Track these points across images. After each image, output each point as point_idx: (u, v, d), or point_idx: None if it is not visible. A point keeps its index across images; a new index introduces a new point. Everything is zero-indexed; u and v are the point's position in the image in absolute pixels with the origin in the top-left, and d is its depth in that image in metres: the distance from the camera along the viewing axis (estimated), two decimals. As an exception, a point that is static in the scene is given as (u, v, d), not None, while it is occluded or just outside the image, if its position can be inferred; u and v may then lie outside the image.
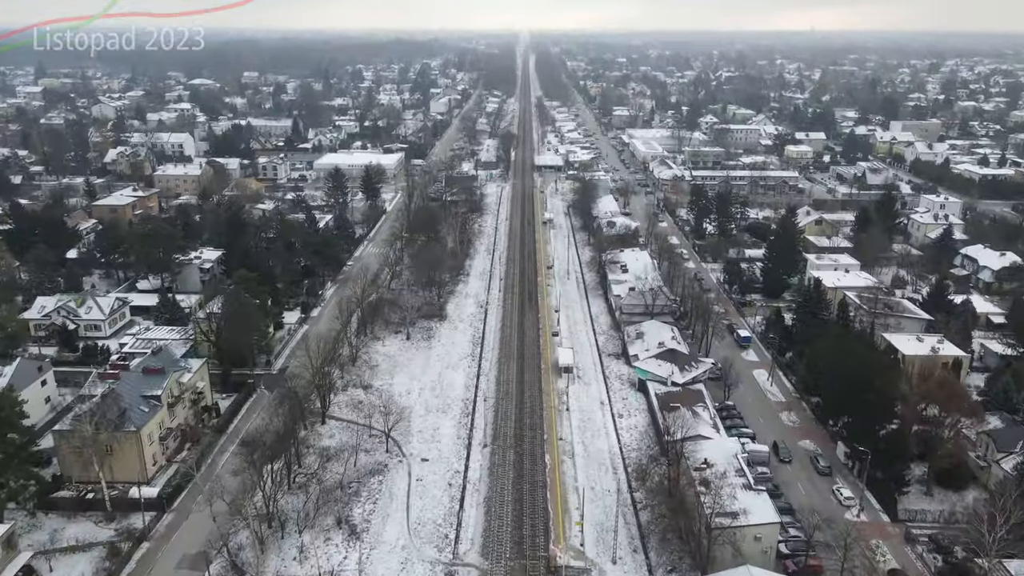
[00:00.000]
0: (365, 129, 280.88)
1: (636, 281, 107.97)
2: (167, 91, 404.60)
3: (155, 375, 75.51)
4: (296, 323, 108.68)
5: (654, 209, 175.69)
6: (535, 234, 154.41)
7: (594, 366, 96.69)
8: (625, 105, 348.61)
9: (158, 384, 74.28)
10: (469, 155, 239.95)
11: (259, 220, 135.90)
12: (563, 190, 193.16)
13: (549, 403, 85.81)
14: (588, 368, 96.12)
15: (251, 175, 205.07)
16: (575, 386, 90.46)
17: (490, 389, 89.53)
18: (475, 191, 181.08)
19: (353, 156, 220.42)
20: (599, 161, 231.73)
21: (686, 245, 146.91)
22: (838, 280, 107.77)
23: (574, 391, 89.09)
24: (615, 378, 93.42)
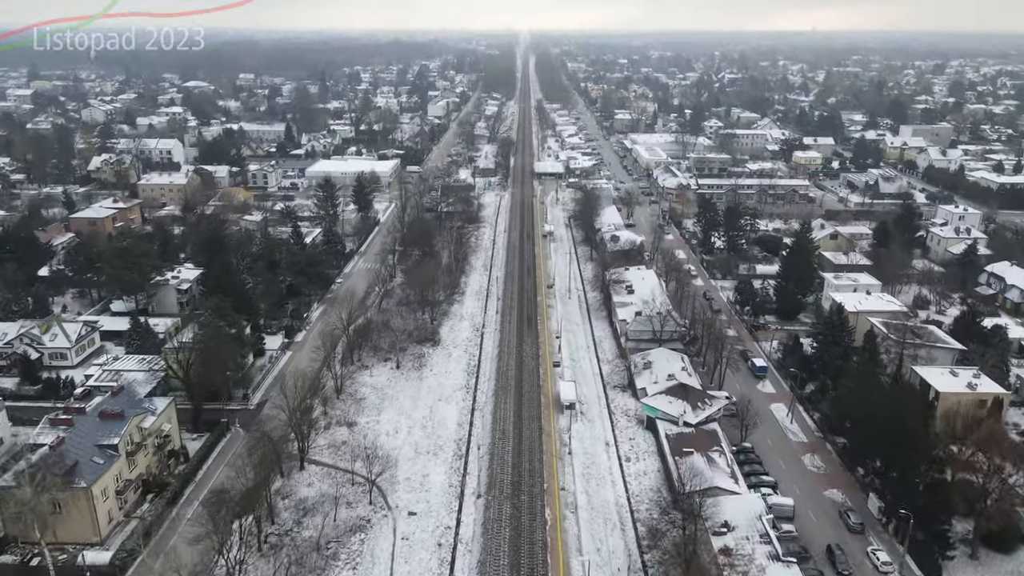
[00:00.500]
0: (360, 134, 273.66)
1: (643, 304, 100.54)
2: (160, 93, 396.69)
3: (113, 420, 68.10)
4: (278, 349, 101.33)
5: (659, 220, 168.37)
6: (535, 248, 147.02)
7: (598, 400, 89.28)
8: (627, 108, 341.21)
9: (116, 431, 66.89)
10: (467, 161, 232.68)
11: (241, 236, 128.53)
12: (564, 200, 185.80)
13: (549, 444, 78.46)
14: (592, 402, 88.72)
15: (240, 183, 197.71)
16: (578, 424, 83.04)
17: (485, 428, 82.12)
18: (472, 201, 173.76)
19: (347, 163, 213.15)
20: (601, 168, 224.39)
21: (694, 260, 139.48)
22: (860, 304, 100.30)
23: (577, 430, 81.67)
24: (621, 414, 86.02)
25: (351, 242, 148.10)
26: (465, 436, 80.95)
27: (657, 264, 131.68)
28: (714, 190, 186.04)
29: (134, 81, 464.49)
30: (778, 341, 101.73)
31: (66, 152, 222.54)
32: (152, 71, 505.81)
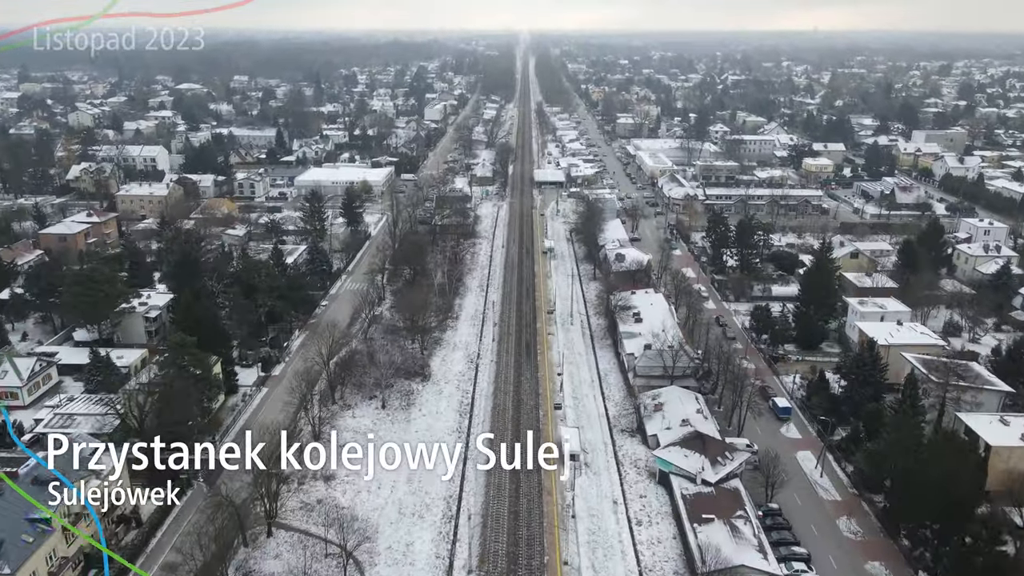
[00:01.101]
0: (354, 139, 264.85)
1: (652, 337, 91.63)
2: (152, 96, 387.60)
3: (49, 485, 59.21)
4: (253, 385, 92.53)
5: (666, 234, 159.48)
6: (534, 265, 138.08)
7: (604, 447, 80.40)
8: (629, 112, 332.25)
9: (52, 499, 58.02)
10: (463, 168, 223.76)
11: (218, 256, 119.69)
12: (565, 211, 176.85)
13: (550, 504, 69.61)
14: (597, 449, 79.86)
15: (226, 193, 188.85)
16: (582, 477, 74.23)
17: (479, 483, 73.25)
18: (469, 213, 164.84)
19: (338, 171, 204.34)
20: (603, 176, 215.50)
21: (704, 280, 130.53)
22: (891, 336, 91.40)
23: (581, 486, 72.84)
24: (630, 464, 77.17)
25: (339, 259, 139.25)
26: (456, 493, 72.13)
27: (665, 285, 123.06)
28: (723, 201, 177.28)
29: (127, 83, 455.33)
30: (800, 375, 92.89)
31: (46, 159, 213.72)
32: (146, 72, 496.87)
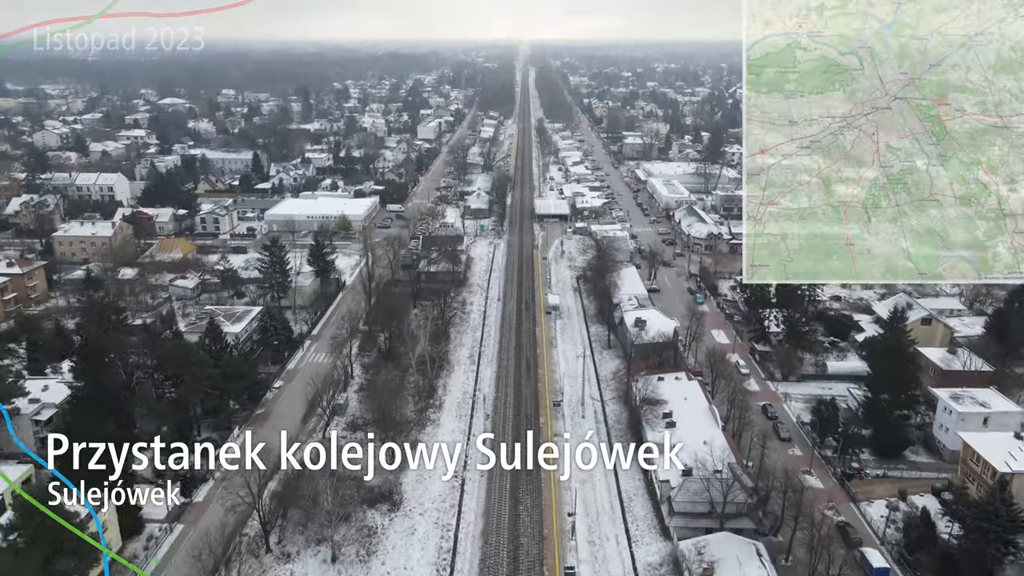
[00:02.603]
0: (339, 162, 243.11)
1: (694, 460, 68.96)
2: (132, 112, 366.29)
3: None
4: (166, 521, 70.03)
5: (689, 283, 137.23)
6: (535, 328, 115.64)
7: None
8: (636, 129, 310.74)
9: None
10: (456, 197, 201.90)
11: (155, 321, 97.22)
12: (571, 252, 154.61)
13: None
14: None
15: (186, 230, 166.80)
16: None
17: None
18: (460, 258, 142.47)
19: (316, 202, 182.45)
20: (613, 206, 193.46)
21: (741, 349, 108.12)
22: (1014, 459, 68.73)
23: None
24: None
25: (304, 319, 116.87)
26: None
27: (697, 359, 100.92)
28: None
29: (108, 98, 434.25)
30: (888, 505, 70.46)
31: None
32: (130, 86, 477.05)
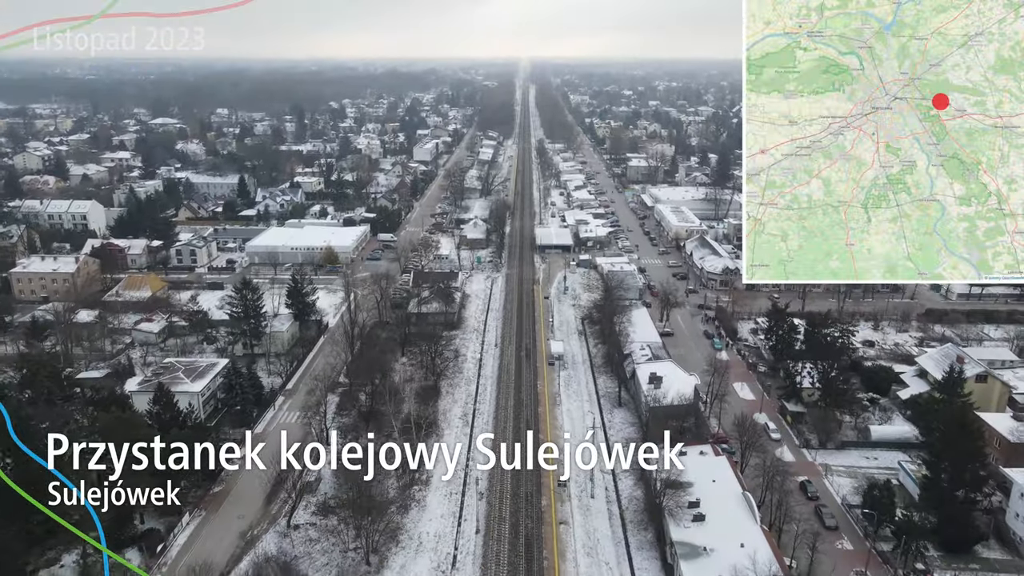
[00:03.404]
0: (330, 186, 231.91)
1: (731, 569, 56.49)
2: (121, 132, 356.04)
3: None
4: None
5: (705, 325, 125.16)
6: (536, 380, 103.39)
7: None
8: (640, 150, 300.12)
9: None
10: (452, 225, 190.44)
11: (79, 402, 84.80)
12: (575, 288, 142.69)
13: None
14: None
15: (160, 263, 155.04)
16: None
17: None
18: (454, 296, 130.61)
19: (302, 232, 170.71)
20: (619, 235, 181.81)
21: (770, 407, 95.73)
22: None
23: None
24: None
25: (279, 370, 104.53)
26: None
27: (719, 419, 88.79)
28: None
29: (99, 118, 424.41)
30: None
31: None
32: (122, 105, 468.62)
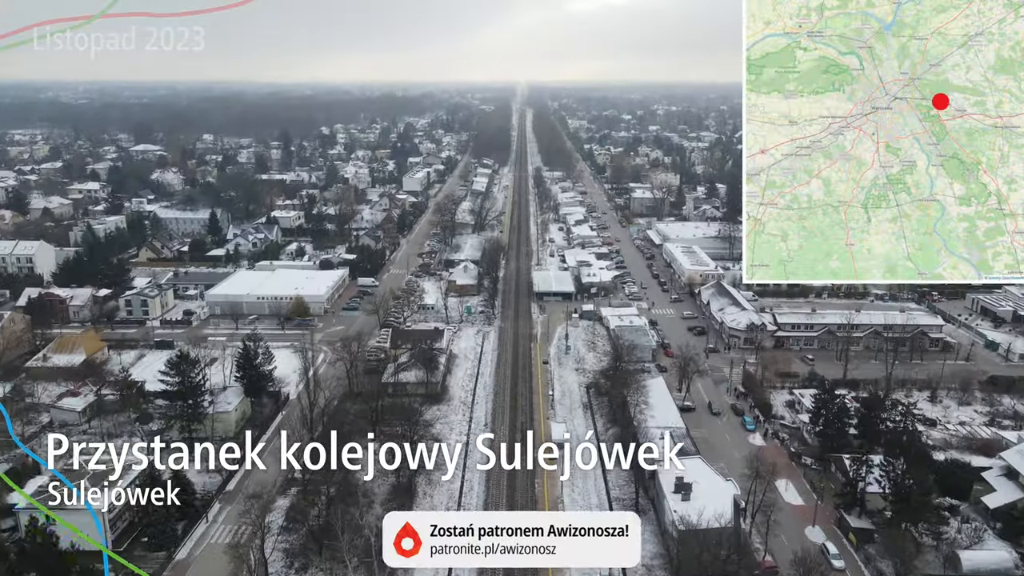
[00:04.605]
0: (311, 219, 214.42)
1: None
2: (98, 160, 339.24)
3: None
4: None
5: (732, 397, 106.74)
6: (534, 479, 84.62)
7: None
8: (643, 180, 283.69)
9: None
10: (440, 266, 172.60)
11: None
12: (578, 347, 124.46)
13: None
14: None
15: (107, 314, 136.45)
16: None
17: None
18: (438, 361, 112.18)
19: (272, 277, 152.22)
20: (625, 278, 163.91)
21: (824, 518, 76.94)
22: None
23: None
24: None
25: (220, 464, 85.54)
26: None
27: (765, 541, 70.16)
28: (801, 332, 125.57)
29: (80, 144, 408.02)
30: None
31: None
32: (104, 129, 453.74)
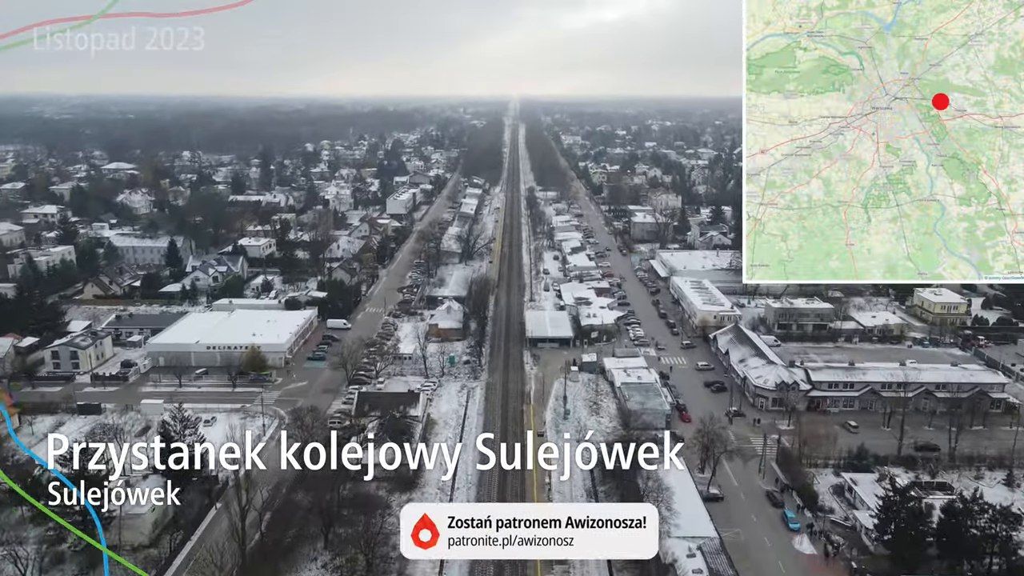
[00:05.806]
0: (283, 247, 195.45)
1: None
2: (65, 179, 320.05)
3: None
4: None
5: (767, 483, 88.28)
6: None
7: None
8: (642, 201, 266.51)
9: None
10: (422, 304, 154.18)
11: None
12: (578, 410, 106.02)
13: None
14: None
15: (30, 369, 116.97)
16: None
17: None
18: (412, 429, 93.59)
19: (228, 320, 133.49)
20: (629, 318, 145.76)
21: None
22: None
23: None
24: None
25: None
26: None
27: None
28: (839, 392, 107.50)
29: (51, 162, 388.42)
30: None
31: None
32: (79, 146, 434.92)
